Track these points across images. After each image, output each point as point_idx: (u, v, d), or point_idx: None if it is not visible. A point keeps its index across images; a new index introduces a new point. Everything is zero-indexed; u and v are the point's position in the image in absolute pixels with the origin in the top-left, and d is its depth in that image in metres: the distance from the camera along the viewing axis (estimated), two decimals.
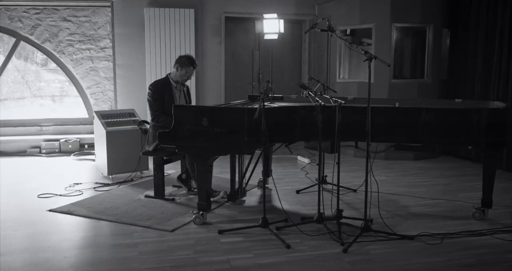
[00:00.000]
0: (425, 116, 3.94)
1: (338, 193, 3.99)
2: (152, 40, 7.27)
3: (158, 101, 4.73)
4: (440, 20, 6.98)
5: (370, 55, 3.61)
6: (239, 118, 3.82)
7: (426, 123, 3.95)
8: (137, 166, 5.59)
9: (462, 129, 3.97)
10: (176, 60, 4.80)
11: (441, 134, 3.95)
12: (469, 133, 3.96)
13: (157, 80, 4.94)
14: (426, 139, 3.98)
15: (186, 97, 4.98)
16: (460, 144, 4.60)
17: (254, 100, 5.30)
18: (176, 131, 4.03)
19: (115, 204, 4.66)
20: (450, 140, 4.08)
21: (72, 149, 7.31)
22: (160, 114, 4.69)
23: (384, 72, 6.73)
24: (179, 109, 4.08)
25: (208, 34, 7.70)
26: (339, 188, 4.00)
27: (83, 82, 7.68)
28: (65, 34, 7.52)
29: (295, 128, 4.10)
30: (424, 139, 3.99)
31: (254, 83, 8.68)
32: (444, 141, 4.10)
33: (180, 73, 4.77)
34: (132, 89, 7.45)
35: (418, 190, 5.21)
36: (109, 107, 7.73)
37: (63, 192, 5.11)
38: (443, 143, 3.94)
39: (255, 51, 8.63)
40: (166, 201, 4.73)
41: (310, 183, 5.46)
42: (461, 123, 3.97)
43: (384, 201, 4.72)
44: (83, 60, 7.63)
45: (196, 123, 3.93)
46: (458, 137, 3.99)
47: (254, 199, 4.90)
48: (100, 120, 5.70)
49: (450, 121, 3.99)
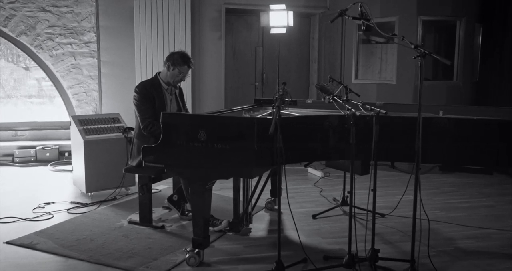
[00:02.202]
0: (493, 130, 3.05)
1: (374, 229, 3.11)
2: (142, 35, 6.37)
3: (149, 105, 3.84)
4: (473, 14, 6.10)
5: (423, 51, 2.73)
6: (247, 132, 2.94)
7: (491, 139, 3.06)
8: (121, 182, 4.69)
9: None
10: (167, 58, 3.92)
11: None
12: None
13: (144, 81, 4.04)
14: (491, 159, 3.07)
15: (179, 102, 4.09)
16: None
17: (262, 106, 4.42)
18: (165, 146, 3.15)
19: (90, 233, 3.76)
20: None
21: (50, 157, 6.41)
22: (153, 122, 3.79)
23: (407, 73, 5.86)
24: (168, 118, 3.19)
25: (206, 28, 6.81)
26: (374, 221, 3.11)
27: (64, 81, 6.79)
28: (43, 26, 6.64)
29: (319, 144, 3.20)
30: (488, 159, 3.08)
31: (257, 84, 7.81)
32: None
33: (172, 73, 3.89)
34: (119, 90, 6.55)
35: (458, 215, 4.34)
36: (94, 109, 6.84)
37: (29, 215, 4.21)
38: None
39: (258, 48, 7.76)
40: (153, 229, 3.84)
41: (327, 204, 4.58)
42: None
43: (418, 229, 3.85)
44: (64, 56, 6.74)
45: (190, 137, 3.04)
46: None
47: (262, 226, 4.01)
48: (78, 127, 4.80)
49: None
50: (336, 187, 5.26)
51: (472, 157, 3.10)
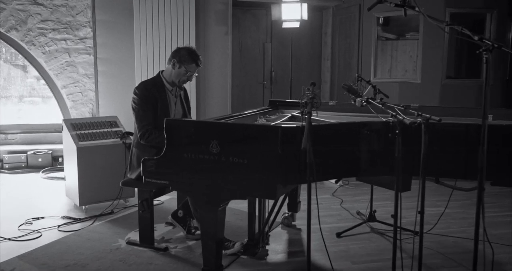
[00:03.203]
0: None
1: (421, 256, 2.59)
2: (142, 29, 5.83)
3: (149, 110, 3.33)
4: (505, 6, 5.57)
5: (491, 44, 2.21)
6: (270, 143, 2.42)
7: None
8: (119, 194, 4.17)
9: None
10: (172, 54, 3.41)
11: None
12: None
13: (145, 81, 3.53)
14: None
15: (184, 106, 3.58)
16: None
17: (277, 108, 3.92)
18: (169, 159, 2.64)
19: (82, 257, 3.25)
20: None
21: (43, 163, 5.89)
22: (152, 130, 3.29)
23: (433, 70, 5.34)
24: (174, 126, 2.68)
25: (212, 22, 6.27)
26: (421, 251, 2.58)
27: (58, 81, 6.28)
28: (35, 21, 6.14)
29: (356, 157, 2.68)
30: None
31: (266, 82, 7.30)
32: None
33: (177, 72, 3.37)
34: (118, 89, 6.02)
35: (502, 232, 3.81)
36: (90, 111, 6.32)
37: (15, 234, 3.70)
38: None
39: (266, 44, 7.25)
40: (155, 252, 3.33)
41: (350, 219, 4.07)
42: None
43: (462, 250, 3.36)
44: (58, 53, 6.24)
45: (201, 149, 2.53)
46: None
47: (281, 247, 3.49)
48: (70, 131, 4.29)
49: None
50: (358, 197, 4.75)
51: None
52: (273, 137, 2.42)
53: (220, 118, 3.11)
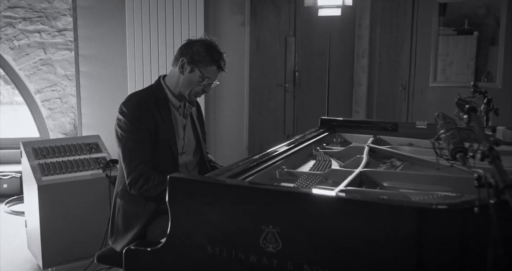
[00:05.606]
0: None
1: None
2: (136, 18, 4.67)
3: (143, 142, 2.05)
4: None
5: None
6: (395, 240, 1.14)
7: None
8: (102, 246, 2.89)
9: None
10: (181, 50, 2.15)
11: None
12: None
13: (137, 93, 2.25)
14: None
15: (197, 131, 2.30)
16: None
17: (335, 131, 2.66)
18: (176, 257, 1.35)
19: None
20: None
21: (8, 190, 4.71)
22: (149, 174, 2.01)
23: None
24: (184, 191, 1.38)
25: (225, 10, 5.06)
26: None
27: (30, 83, 5.20)
28: (1, 8, 5.09)
29: None
30: None
31: (287, 85, 6.12)
32: None
33: (188, 79, 2.10)
34: (104, 96, 4.81)
35: None
36: (72, 122, 5.13)
37: None
38: None
39: (289, 38, 6.09)
40: None
41: None
42: None
43: None
44: (30, 49, 5.18)
45: (242, 243, 1.24)
46: None
47: None
48: (31, 161, 3.03)
49: None
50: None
51: None
52: (404, 229, 1.13)
53: (251, 161, 1.84)
